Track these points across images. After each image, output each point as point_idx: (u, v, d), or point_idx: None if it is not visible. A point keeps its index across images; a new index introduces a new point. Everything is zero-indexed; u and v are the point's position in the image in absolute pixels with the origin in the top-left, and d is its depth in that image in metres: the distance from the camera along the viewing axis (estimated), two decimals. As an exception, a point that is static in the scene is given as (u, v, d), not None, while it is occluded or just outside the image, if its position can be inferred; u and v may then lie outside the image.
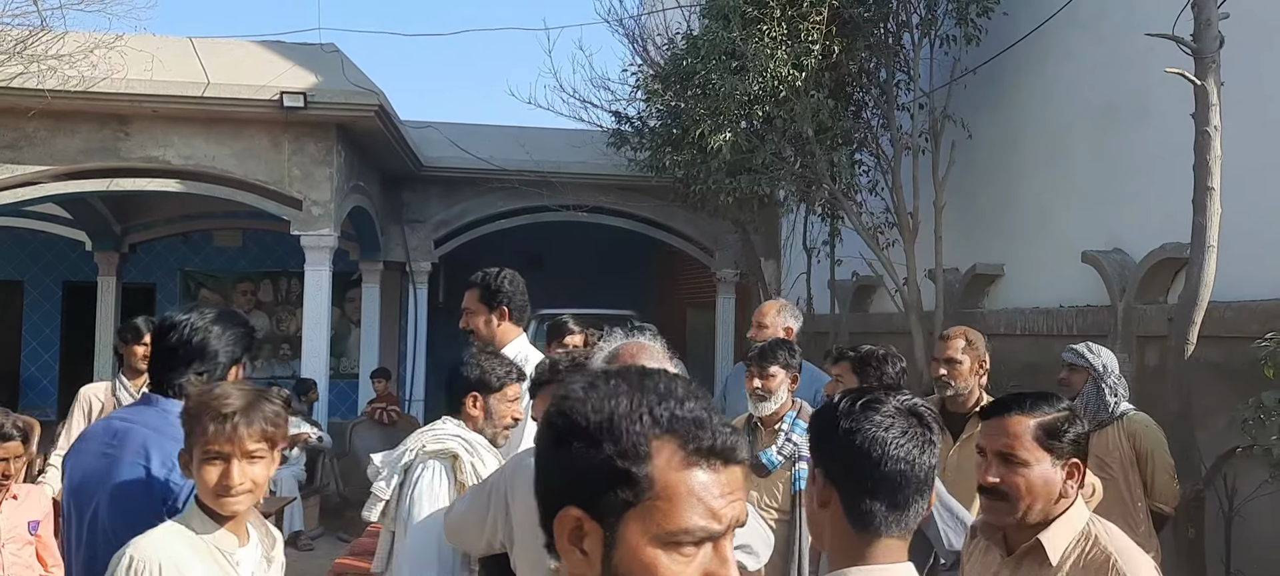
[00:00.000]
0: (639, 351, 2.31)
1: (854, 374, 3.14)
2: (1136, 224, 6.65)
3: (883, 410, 1.58)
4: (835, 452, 1.58)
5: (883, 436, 1.55)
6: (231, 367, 2.56)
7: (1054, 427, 2.03)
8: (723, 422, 1.13)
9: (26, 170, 8.97)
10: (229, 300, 14.69)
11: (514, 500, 2.38)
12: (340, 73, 9.31)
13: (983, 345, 3.84)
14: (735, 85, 7.11)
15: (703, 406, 1.13)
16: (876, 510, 1.54)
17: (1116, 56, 6.87)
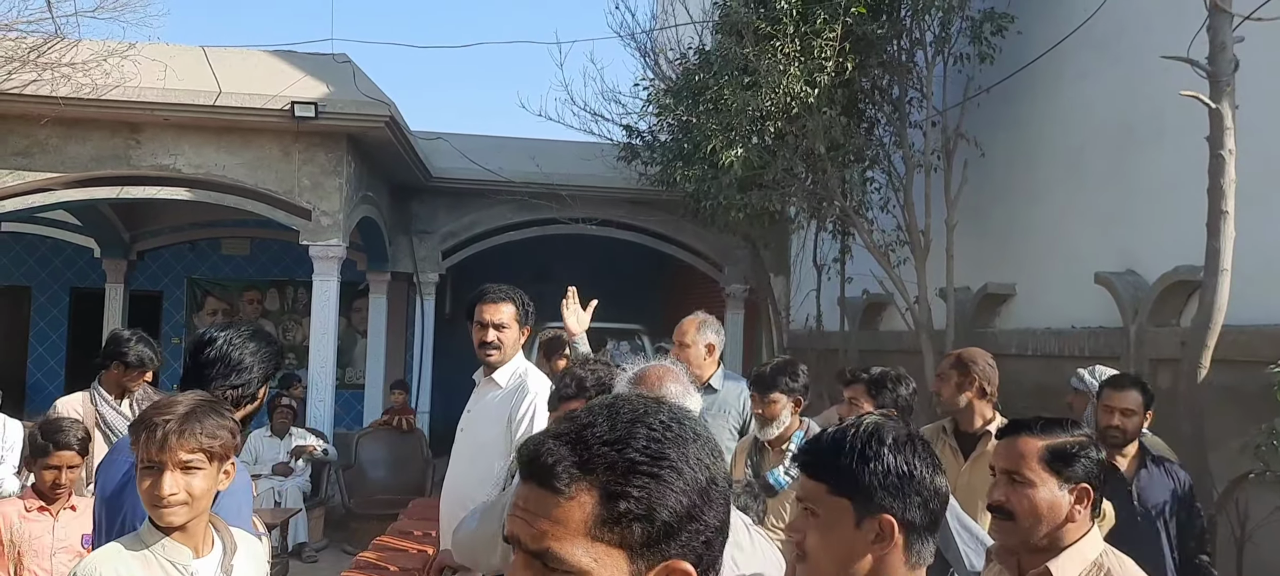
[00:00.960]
0: (665, 375, 2.30)
1: (869, 396, 3.11)
2: (1150, 246, 6.62)
3: (906, 440, 1.57)
4: (888, 488, 1.56)
5: (919, 465, 1.56)
6: (264, 384, 2.66)
7: (1062, 451, 2.02)
8: (548, 438, 1.04)
9: (38, 177, 8.99)
10: (236, 308, 14.70)
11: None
12: (351, 83, 9.32)
13: (983, 365, 3.79)
14: (747, 100, 7.10)
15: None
16: (927, 542, 1.57)
17: (1132, 77, 6.84)
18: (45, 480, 3.73)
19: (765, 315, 11.66)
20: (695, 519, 1.01)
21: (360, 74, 9.55)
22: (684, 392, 2.37)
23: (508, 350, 3.77)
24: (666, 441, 1.02)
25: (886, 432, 1.60)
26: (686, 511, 1.01)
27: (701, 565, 1.03)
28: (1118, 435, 3.76)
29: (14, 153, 8.93)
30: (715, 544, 1.04)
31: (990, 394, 3.79)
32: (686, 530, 1.01)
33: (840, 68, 7.36)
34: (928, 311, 8.03)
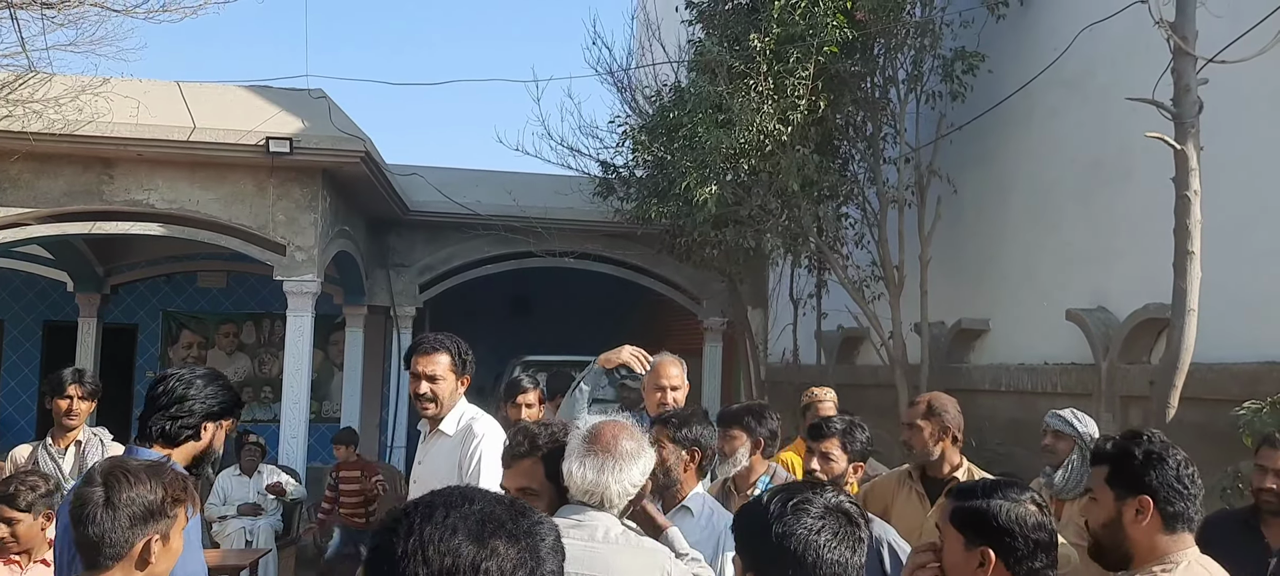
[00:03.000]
0: (619, 432, 2.29)
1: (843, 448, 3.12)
2: (1121, 283, 6.67)
3: (812, 512, 1.57)
4: (768, 556, 1.57)
5: (815, 540, 1.56)
6: (206, 421, 2.69)
7: (967, 514, 2.01)
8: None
9: (10, 212, 8.91)
10: (211, 341, 14.58)
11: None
12: (327, 118, 9.30)
13: (952, 413, 3.79)
14: (721, 138, 7.12)
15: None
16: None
17: (1102, 116, 6.91)
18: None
19: (743, 348, 11.66)
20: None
21: (336, 109, 9.53)
22: (638, 449, 2.36)
23: (444, 401, 3.65)
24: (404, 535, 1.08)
25: (790, 499, 1.61)
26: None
27: None
28: (1274, 499, 3.49)
29: (-15, 188, 8.86)
30: None
31: (959, 440, 3.79)
32: None
33: (813, 106, 7.41)
34: (902, 346, 8.06)
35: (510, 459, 2.60)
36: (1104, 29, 6.50)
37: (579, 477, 2.32)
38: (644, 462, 2.38)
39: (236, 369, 14.63)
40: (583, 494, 2.33)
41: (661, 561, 2.34)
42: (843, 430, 3.18)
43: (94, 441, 4.49)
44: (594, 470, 2.31)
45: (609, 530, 2.34)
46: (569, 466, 2.34)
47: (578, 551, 2.26)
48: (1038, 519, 1.99)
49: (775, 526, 1.57)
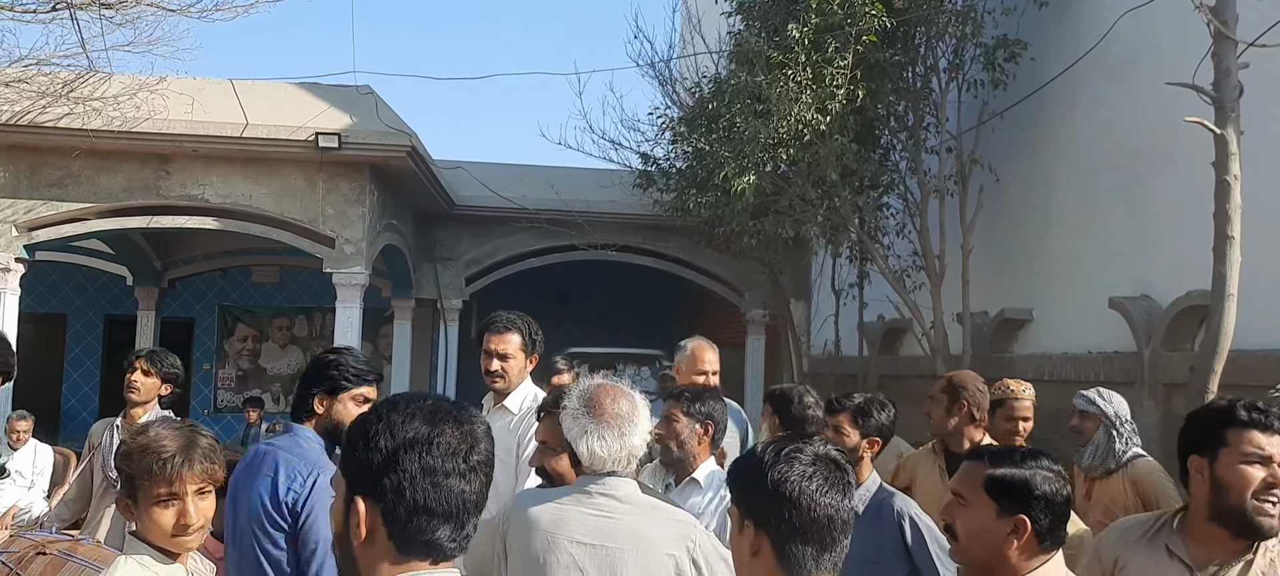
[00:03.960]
0: (616, 396, 2.39)
1: (854, 424, 3.17)
2: (1164, 270, 6.61)
3: (803, 459, 1.65)
4: (764, 503, 1.65)
5: (807, 486, 1.64)
6: (343, 392, 2.84)
7: (1003, 482, 2.05)
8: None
9: (72, 207, 9.24)
10: (265, 335, 14.94)
11: (511, 543, 2.45)
12: (374, 114, 9.50)
13: (972, 390, 3.85)
14: (759, 129, 7.17)
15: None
16: (806, 554, 1.63)
17: (1145, 103, 6.85)
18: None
19: (785, 340, 11.69)
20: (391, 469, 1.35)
21: (383, 105, 9.73)
22: (634, 405, 2.46)
23: (513, 379, 3.82)
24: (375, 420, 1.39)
25: (782, 450, 1.69)
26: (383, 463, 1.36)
27: (389, 500, 1.35)
28: None
29: (48, 183, 9.18)
30: (409, 488, 1.35)
31: (979, 419, 3.83)
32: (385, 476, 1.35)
33: (851, 95, 7.43)
34: (943, 336, 8.04)
35: (541, 413, 2.75)
36: (1147, 15, 6.45)
37: (602, 451, 2.38)
38: (644, 415, 2.47)
39: (289, 361, 14.98)
40: (611, 465, 2.40)
41: (687, 530, 2.40)
42: (855, 407, 3.23)
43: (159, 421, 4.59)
44: (614, 439, 2.39)
45: (631, 494, 2.42)
46: (588, 447, 2.40)
47: (602, 522, 2.36)
48: (1066, 492, 2.06)
49: (770, 474, 1.65)
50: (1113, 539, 2.61)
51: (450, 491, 1.37)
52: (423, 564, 1.37)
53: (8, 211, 9.12)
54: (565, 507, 2.39)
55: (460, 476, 1.38)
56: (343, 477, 1.41)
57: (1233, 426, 2.34)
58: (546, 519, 2.39)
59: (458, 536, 1.39)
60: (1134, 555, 2.49)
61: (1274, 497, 2.31)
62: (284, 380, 14.87)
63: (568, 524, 2.36)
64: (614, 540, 2.34)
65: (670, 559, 2.34)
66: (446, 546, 1.38)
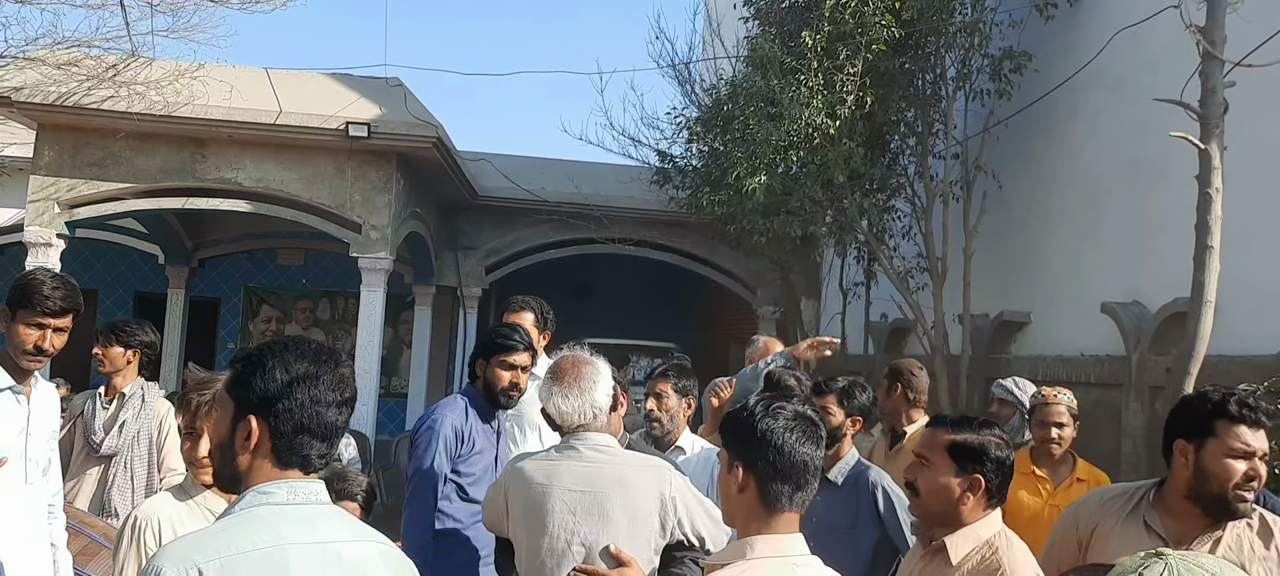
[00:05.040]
0: (576, 362, 2.74)
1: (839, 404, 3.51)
2: (1156, 278, 6.87)
3: (786, 414, 2.00)
4: (753, 448, 1.98)
5: (788, 437, 1.98)
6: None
7: (962, 445, 2.37)
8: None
9: (111, 186, 9.65)
10: (289, 316, 15.33)
11: (511, 499, 2.80)
12: (402, 106, 9.86)
13: (907, 375, 4.37)
14: (770, 131, 7.48)
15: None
16: (784, 491, 1.96)
17: (1142, 117, 7.10)
18: None
19: (795, 337, 11.98)
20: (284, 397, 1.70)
21: (411, 97, 10.09)
22: (595, 368, 2.81)
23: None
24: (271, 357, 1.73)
25: (758, 402, 2.03)
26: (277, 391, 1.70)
27: (280, 420, 1.69)
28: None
29: (90, 163, 9.59)
30: (295, 411, 1.70)
31: (914, 399, 4.25)
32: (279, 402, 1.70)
33: (860, 102, 7.72)
34: (943, 336, 8.33)
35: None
36: (1145, 33, 6.71)
37: (568, 409, 2.74)
38: (605, 376, 2.82)
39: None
40: (577, 418, 2.75)
41: (663, 473, 2.76)
42: (841, 388, 3.57)
43: (137, 396, 4.49)
44: (576, 397, 2.74)
45: (611, 445, 2.77)
46: (555, 406, 2.76)
47: (589, 471, 2.70)
48: (1012, 457, 2.41)
49: (758, 425, 1.98)
50: (1092, 505, 2.82)
51: (326, 419, 1.72)
52: (296, 472, 1.72)
53: (51, 189, 9.53)
54: (555, 462, 2.74)
55: (335, 408, 1.73)
56: (230, 399, 1.73)
57: (1223, 419, 2.52)
58: (540, 474, 2.74)
59: (326, 454, 1.75)
60: (1114, 524, 2.68)
61: (1252, 488, 2.51)
62: (306, 361, 15.27)
63: (559, 475, 2.70)
64: (600, 485, 2.68)
65: (650, 498, 2.69)
66: (316, 461, 1.74)
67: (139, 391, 4.51)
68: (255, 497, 1.70)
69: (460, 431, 3.52)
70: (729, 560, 1.98)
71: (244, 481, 1.73)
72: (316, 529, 1.69)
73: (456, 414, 3.54)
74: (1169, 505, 2.63)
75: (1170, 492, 2.63)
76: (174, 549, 1.62)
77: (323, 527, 1.70)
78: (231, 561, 1.59)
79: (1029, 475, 3.95)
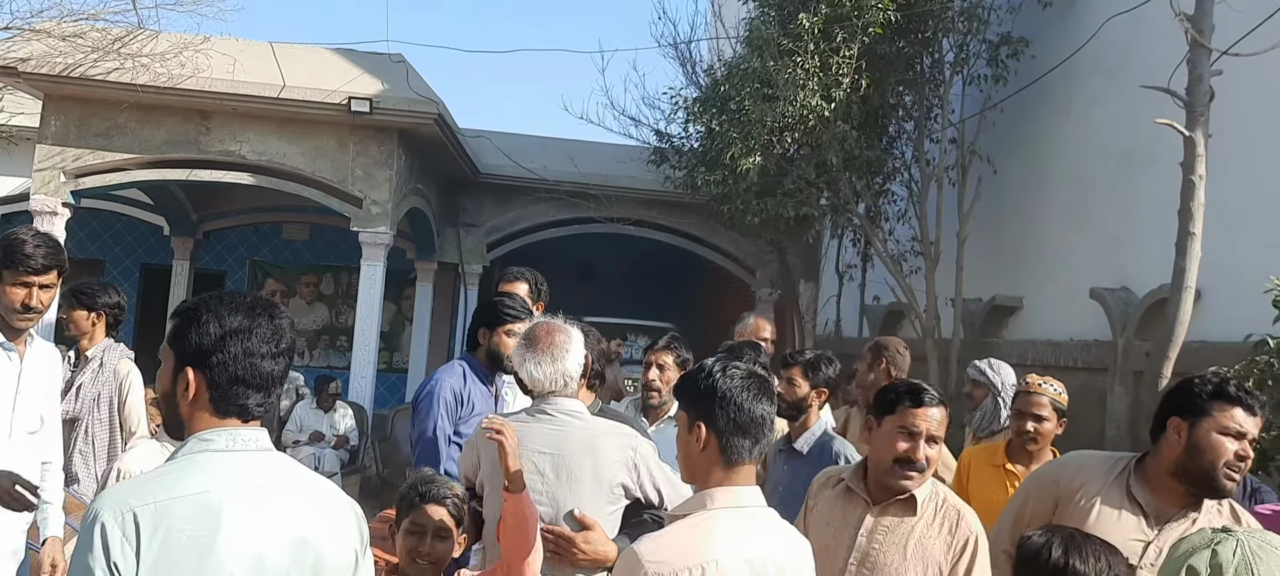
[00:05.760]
0: (550, 329, 2.86)
1: (804, 376, 3.61)
2: (1145, 265, 6.93)
3: (740, 373, 2.13)
4: (707, 406, 2.10)
5: (742, 396, 2.10)
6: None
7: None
8: None
9: (117, 157, 9.75)
10: (293, 290, 15.46)
11: (482, 456, 2.92)
12: (404, 82, 9.94)
13: (892, 351, 4.48)
14: (766, 112, 7.55)
15: None
16: (744, 445, 2.09)
17: (1135, 105, 7.15)
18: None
19: (791, 321, 12.07)
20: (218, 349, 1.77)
21: (413, 73, 10.17)
22: (568, 336, 2.90)
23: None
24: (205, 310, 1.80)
25: (712, 364, 2.13)
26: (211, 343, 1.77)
27: (215, 372, 1.76)
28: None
29: (96, 134, 9.70)
30: (229, 364, 1.77)
31: (898, 376, 4.31)
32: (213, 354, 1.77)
33: (856, 85, 7.78)
34: (935, 320, 8.41)
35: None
36: (1138, 21, 6.76)
37: (540, 375, 2.84)
38: (577, 344, 2.91)
39: (315, 317, 15.51)
40: (548, 385, 2.85)
41: (629, 438, 2.87)
42: (806, 361, 3.67)
43: (96, 359, 4.45)
44: (549, 364, 2.84)
45: (580, 410, 2.88)
46: (527, 372, 2.86)
47: (558, 434, 2.81)
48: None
49: (717, 385, 2.10)
50: (1073, 468, 2.87)
51: (261, 369, 1.79)
52: (235, 421, 1.79)
53: (57, 158, 9.64)
54: (525, 424, 2.83)
55: (270, 359, 1.80)
56: (171, 351, 1.81)
57: (1220, 400, 2.59)
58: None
59: (263, 402, 1.81)
60: (1096, 489, 2.72)
61: (1241, 469, 2.58)
62: (309, 335, 15.40)
63: (529, 437, 2.79)
64: (568, 448, 2.78)
65: (616, 461, 2.81)
66: (254, 409, 1.80)
67: (99, 354, 4.46)
68: (196, 444, 1.76)
69: (460, 394, 3.67)
70: (691, 510, 2.09)
71: (186, 429, 1.80)
72: (252, 475, 1.75)
73: (455, 378, 3.70)
74: (1150, 479, 2.69)
75: (1154, 467, 2.70)
76: (112, 493, 1.68)
77: (259, 474, 1.77)
78: (166, 505, 1.64)
79: (999, 469, 3.79)
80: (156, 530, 1.62)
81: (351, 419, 9.51)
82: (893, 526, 2.61)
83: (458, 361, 3.81)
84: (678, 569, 1.96)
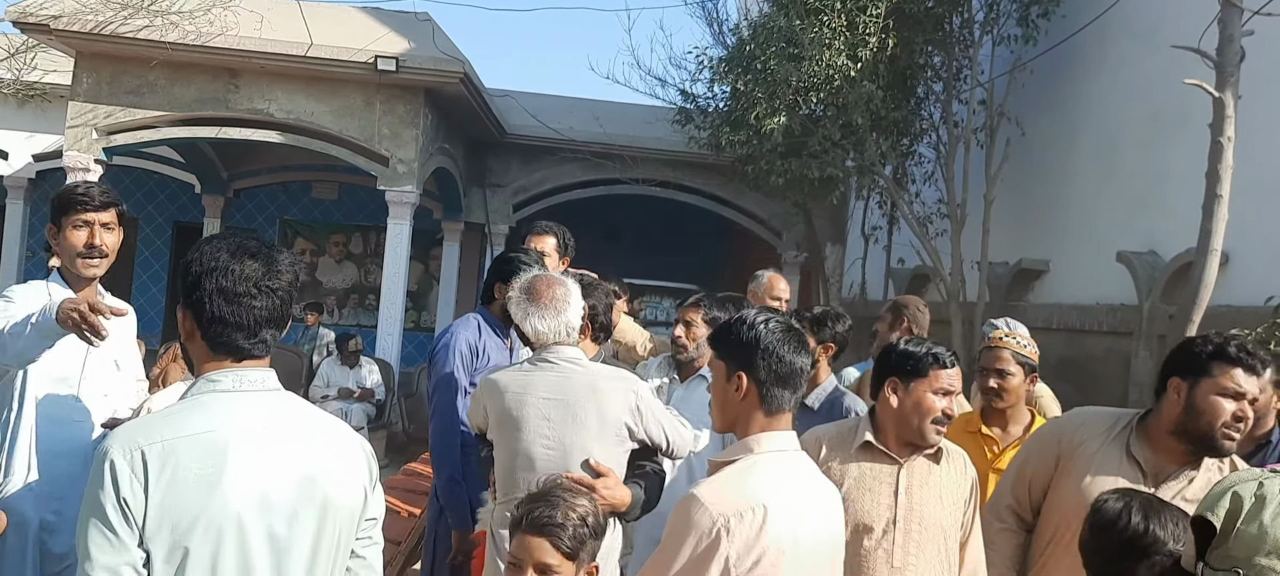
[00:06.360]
0: (550, 282, 2.95)
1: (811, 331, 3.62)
2: (1172, 228, 6.85)
3: (780, 325, 2.19)
4: (745, 354, 2.17)
5: (784, 347, 2.17)
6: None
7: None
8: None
9: (147, 114, 9.87)
10: (322, 249, 15.61)
11: (489, 407, 2.98)
12: (431, 41, 9.95)
13: (913, 310, 4.50)
14: (791, 71, 7.50)
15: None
16: (784, 395, 2.16)
17: (1165, 67, 7.03)
18: None
19: (818, 282, 12.04)
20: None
21: (439, 32, 10.18)
22: (567, 288, 2.97)
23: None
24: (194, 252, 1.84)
25: (750, 315, 2.15)
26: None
27: (197, 311, 1.81)
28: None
29: (127, 91, 9.81)
30: (206, 303, 1.81)
31: (918, 334, 4.28)
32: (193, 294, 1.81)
33: (883, 44, 7.71)
34: (960, 283, 8.36)
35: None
36: (1171, -22, 6.63)
37: (544, 328, 2.91)
38: (576, 296, 2.99)
39: (344, 276, 15.67)
40: (551, 337, 2.92)
41: (631, 383, 2.95)
42: (813, 317, 3.70)
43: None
44: (552, 317, 2.91)
45: (581, 358, 2.95)
46: (532, 326, 2.93)
47: (562, 381, 2.88)
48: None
49: (760, 337, 2.15)
50: (1075, 423, 2.90)
51: (243, 308, 1.80)
52: (227, 360, 1.82)
53: (89, 116, 9.77)
54: (529, 374, 2.91)
55: (253, 297, 1.81)
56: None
57: (1220, 360, 2.59)
58: (516, 384, 2.92)
59: (251, 341, 1.82)
60: (1096, 447, 2.76)
61: (1239, 429, 2.58)
62: (339, 293, 15.56)
63: (533, 386, 2.88)
64: (573, 393, 2.86)
65: (618, 405, 2.88)
66: (243, 346, 1.81)
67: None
68: (204, 385, 1.81)
69: (474, 346, 3.72)
70: (738, 455, 2.16)
71: (196, 369, 1.85)
72: (258, 414, 1.79)
73: (470, 330, 3.75)
74: (1151, 437, 2.70)
75: (1155, 425, 2.71)
76: (122, 432, 1.73)
77: (265, 413, 1.80)
78: (173, 444, 1.69)
79: (975, 435, 3.55)
80: (164, 468, 1.67)
81: (378, 375, 9.64)
82: (925, 478, 2.73)
83: (473, 315, 3.85)
84: (741, 509, 2.03)
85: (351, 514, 1.88)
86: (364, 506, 1.92)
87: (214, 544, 1.69)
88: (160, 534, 1.66)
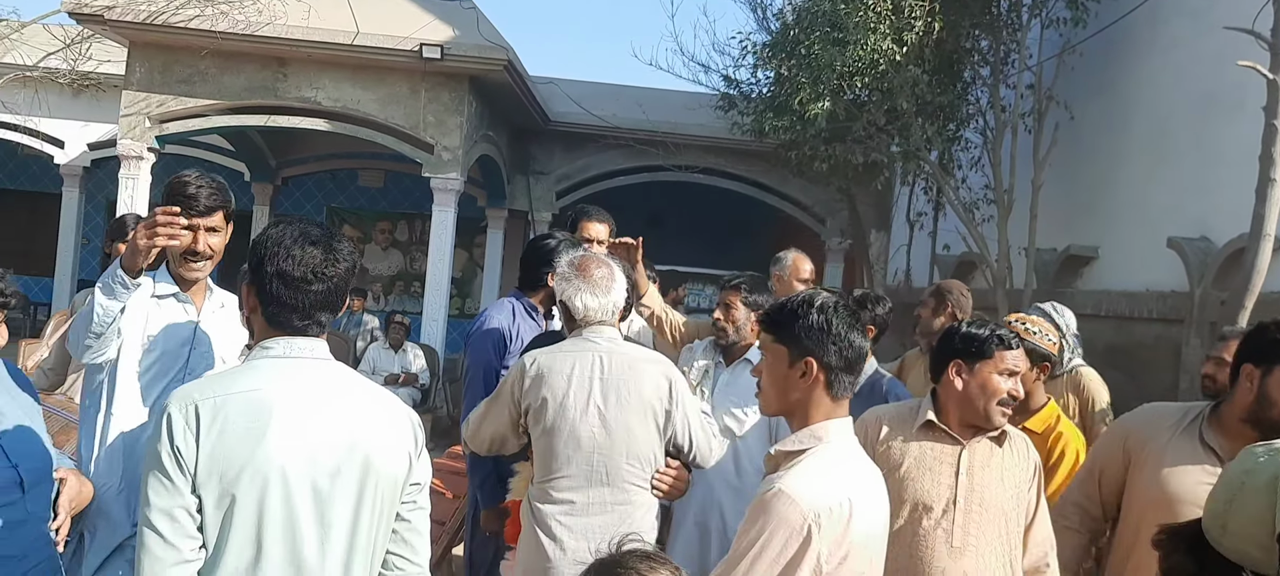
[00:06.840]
0: (597, 264, 3.02)
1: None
2: (1225, 214, 6.72)
3: (843, 308, 2.17)
4: (810, 336, 2.12)
5: (849, 332, 2.13)
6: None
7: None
8: None
9: (198, 103, 10.05)
10: (369, 237, 15.80)
11: (529, 395, 2.98)
12: (475, 28, 10.02)
13: (956, 295, 4.41)
14: (835, 56, 7.45)
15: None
16: (849, 381, 2.15)
17: (1218, 48, 6.89)
18: None
19: (862, 269, 11.97)
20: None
21: (483, 19, 10.24)
22: (610, 269, 3.04)
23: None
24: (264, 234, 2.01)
25: (816, 299, 2.14)
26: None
27: (257, 289, 1.98)
28: (1212, 386, 3.77)
29: (178, 80, 10.00)
30: (263, 282, 1.97)
31: (962, 320, 4.21)
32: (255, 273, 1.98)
33: (929, 28, 7.62)
34: (1007, 269, 8.27)
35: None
36: (1226, -42, 6.49)
37: (594, 305, 2.98)
38: (621, 278, 3.07)
39: (390, 263, 15.85)
40: (598, 315, 2.99)
41: (666, 365, 3.03)
42: (855, 299, 3.71)
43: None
44: (602, 294, 2.99)
45: (619, 338, 3.04)
46: (582, 301, 2.99)
47: (606, 359, 2.94)
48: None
49: (829, 322, 2.12)
50: (1140, 420, 2.90)
51: (300, 292, 1.94)
52: (282, 334, 1.96)
53: (142, 104, 9.97)
54: (574, 354, 2.97)
55: (310, 283, 1.95)
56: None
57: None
58: (563, 363, 2.96)
59: (305, 321, 1.97)
60: (1167, 440, 2.75)
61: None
62: (384, 280, 15.75)
63: (579, 365, 2.94)
64: (616, 371, 2.93)
65: (657, 383, 2.96)
66: (297, 324, 1.96)
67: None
68: (258, 352, 1.97)
69: (507, 330, 3.76)
70: (808, 445, 2.09)
71: (254, 339, 2.01)
72: (304, 379, 1.94)
73: (504, 315, 3.79)
74: (1226, 425, 2.68)
75: (1229, 414, 2.68)
76: (181, 389, 1.91)
77: (312, 379, 1.95)
78: (224, 399, 1.85)
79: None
80: (215, 420, 1.82)
81: (423, 360, 9.76)
82: (986, 459, 2.71)
83: (508, 299, 3.91)
84: (832, 504, 1.97)
85: (395, 477, 1.97)
86: (409, 471, 2.01)
87: (259, 492, 1.82)
88: (210, 482, 1.80)
